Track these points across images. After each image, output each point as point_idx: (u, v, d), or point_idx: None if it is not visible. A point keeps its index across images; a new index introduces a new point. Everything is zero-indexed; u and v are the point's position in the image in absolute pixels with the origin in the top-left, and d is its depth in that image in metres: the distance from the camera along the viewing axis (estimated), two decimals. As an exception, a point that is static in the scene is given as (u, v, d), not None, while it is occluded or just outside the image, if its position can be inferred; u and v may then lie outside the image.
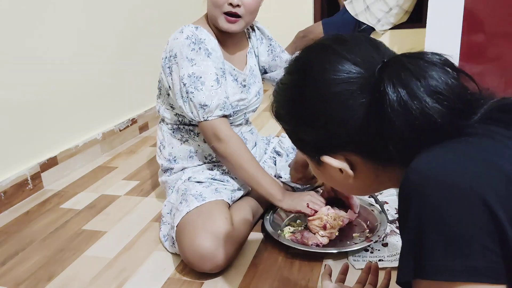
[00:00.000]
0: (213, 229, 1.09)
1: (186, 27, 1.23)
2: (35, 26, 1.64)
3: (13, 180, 1.56)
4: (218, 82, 1.21)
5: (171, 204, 1.28)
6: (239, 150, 1.22)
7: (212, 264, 1.08)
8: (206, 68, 1.20)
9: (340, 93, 0.58)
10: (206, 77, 1.19)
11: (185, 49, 1.20)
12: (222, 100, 1.21)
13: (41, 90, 1.69)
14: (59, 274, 1.17)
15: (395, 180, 0.62)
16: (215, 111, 1.20)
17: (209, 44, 1.23)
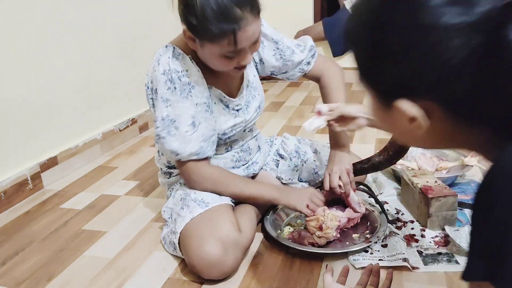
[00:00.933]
0: (220, 236, 1.08)
1: (163, 56, 1.12)
2: (35, 26, 1.64)
3: (13, 180, 1.56)
4: (195, 125, 1.13)
5: (170, 209, 1.27)
6: (218, 182, 1.20)
7: (220, 271, 1.07)
8: (182, 110, 1.12)
9: (445, 27, 0.47)
10: (180, 121, 1.12)
11: (160, 87, 1.11)
12: (197, 147, 1.14)
13: (41, 90, 1.69)
14: (59, 274, 1.17)
15: (476, 144, 0.53)
16: (188, 157, 1.15)
17: (192, 76, 1.13)
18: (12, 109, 1.57)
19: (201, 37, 1.05)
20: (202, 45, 1.07)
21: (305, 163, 1.50)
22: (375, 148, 1.96)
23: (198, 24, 1.01)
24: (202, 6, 0.99)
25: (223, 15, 0.99)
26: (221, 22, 1.00)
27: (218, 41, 1.03)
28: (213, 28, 1.00)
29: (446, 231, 1.21)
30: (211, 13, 0.99)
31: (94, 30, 1.96)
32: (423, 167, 1.58)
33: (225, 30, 1.00)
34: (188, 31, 1.06)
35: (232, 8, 0.99)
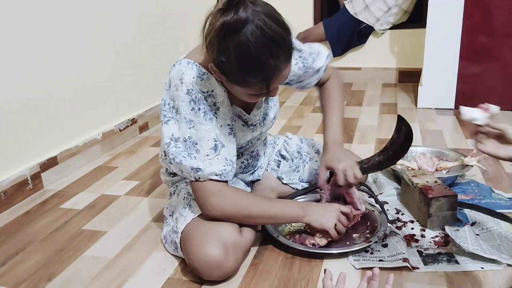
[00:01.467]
0: (221, 237, 1.07)
1: (186, 74, 1.06)
2: (35, 26, 1.65)
3: (13, 180, 1.56)
4: (216, 149, 1.08)
5: (172, 207, 1.27)
6: (239, 204, 1.11)
7: (220, 273, 1.06)
8: (204, 133, 1.07)
9: None
10: (202, 144, 1.07)
11: (184, 107, 1.06)
12: (220, 168, 1.08)
13: (41, 90, 1.69)
14: (59, 274, 1.17)
15: None
16: (209, 175, 1.08)
17: (218, 97, 1.09)
18: (12, 109, 1.57)
19: (230, 79, 1.01)
20: (230, 84, 1.03)
21: (306, 164, 1.50)
22: (375, 148, 1.96)
23: (229, 70, 0.98)
24: (236, 56, 0.94)
25: (257, 67, 0.95)
26: (255, 75, 0.97)
27: (249, 87, 1.00)
28: (245, 77, 0.98)
29: (446, 231, 1.21)
30: (245, 65, 0.95)
31: (94, 30, 1.96)
32: (423, 167, 1.58)
33: (258, 80, 0.98)
34: (216, 68, 1.00)
35: (267, 61, 0.95)
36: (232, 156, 1.12)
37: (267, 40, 0.93)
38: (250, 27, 0.92)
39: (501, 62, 2.40)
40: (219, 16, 0.94)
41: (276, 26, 0.95)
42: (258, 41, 0.93)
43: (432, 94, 2.54)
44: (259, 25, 0.92)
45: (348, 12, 3.12)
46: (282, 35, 0.96)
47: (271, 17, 0.95)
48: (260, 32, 0.92)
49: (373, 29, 3.15)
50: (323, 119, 1.38)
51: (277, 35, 0.95)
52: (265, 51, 0.94)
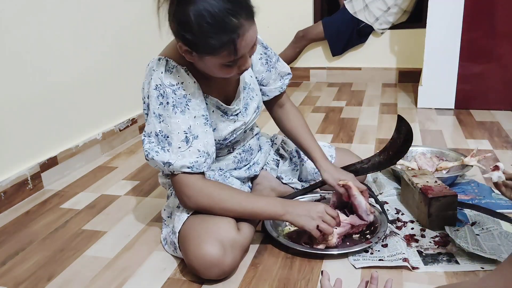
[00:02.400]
0: (218, 236, 1.07)
1: (156, 70, 1.09)
2: (35, 25, 1.64)
3: (13, 180, 1.56)
4: (188, 141, 1.08)
5: (170, 208, 1.26)
6: (214, 197, 1.11)
7: (218, 272, 1.06)
8: (174, 126, 1.08)
9: None
10: (172, 137, 1.08)
11: (153, 102, 1.09)
12: (190, 161, 1.08)
13: (41, 90, 1.69)
14: (59, 274, 1.17)
15: None
16: (180, 168, 1.09)
17: (188, 89, 1.10)
18: (12, 109, 1.56)
19: (199, 51, 1.02)
20: (201, 58, 1.04)
21: (305, 163, 1.50)
22: (375, 148, 1.96)
23: (195, 39, 0.99)
24: (197, 21, 0.95)
25: (220, 27, 0.96)
26: (219, 35, 0.97)
27: (218, 53, 1.01)
28: (211, 42, 0.98)
29: (446, 231, 1.21)
30: (208, 27, 0.96)
31: (94, 30, 1.96)
32: (423, 167, 1.58)
33: (224, 41, 0.98)
34: (184, 46, 1.03)
35: (227, 18, 0.96)
36: (209, 147, 1.12)
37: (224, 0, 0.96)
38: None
39: (501, 62, 2.40)
40: None
41: None
42: (215, 2, 0.95)
43: (432, 94, 2.54)
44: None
45: (348, 11, 3.12)
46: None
47: None
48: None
49: (372, 28, 3.16)
50: (297, 141, 1.39)
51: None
52: (223, 9, 0.95)
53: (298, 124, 1.40)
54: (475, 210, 1.33)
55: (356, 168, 1.41)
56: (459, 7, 2.36)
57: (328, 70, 3.39)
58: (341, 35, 3.18)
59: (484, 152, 1.81)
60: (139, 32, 2.28)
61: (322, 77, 3.41)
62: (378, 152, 1.44)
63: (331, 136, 2.16)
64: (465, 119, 2.35)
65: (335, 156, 1.50)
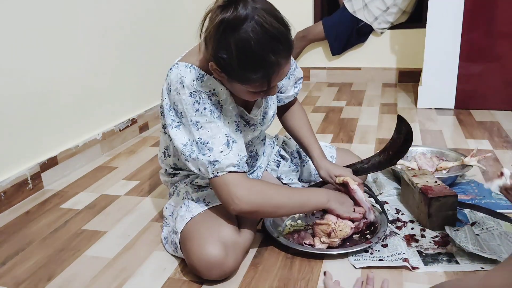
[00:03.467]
0: (220, 237, 1.07)
1: (186, 77, 1.05)
2: (35, 26, 1.64)
3: (13, 180, 1.56)
4: (229, 144, 1.06)
5: (172, 207, 1.27)
6: (265, 193, 1.08)
7: (220, 272, 1.06)
8: (214, 131, 1.06)
9: None
10: (214, 142, 1.05)
11: (189, 110, 1.05)
12: (236, 159, 1.06)
13: (41, 89, 1.69)
14: (59, 274, 1.17)
15: None
16: (227, 168, 1.05)
17: (221, 95, 1.08)
18: (12, 109, 1.57)
19: (231, 76, 1.00)
20: (231, 82, 1.03)
21: (306, 164, 1.50)
22: (375, 148, 1.96)
23: (230, 67, 0.97)
24: (238, 52, 0.93)
25: (259, 62, 0.95)
26: (256, 69, 0.96)
27: (249, 83, 1.00)
28: (246, 73, 0.97)
29: (446, 231, 1.21)
30: (247, 60, 0.95)
31: (94, 30, 1.96)
32: (423, 167, 1.58)
33: (258, 76, 0.97)
34: (215, 66, 1.00)
35: (268, 55, 0.94)
36: (244, 152, 1.10)
37: (267, 36, 0.93)
38: (251, 23, 0.92)
39: (501, 62, 2.40)
40: (219, 12, 0.94)
41: (276, 22, 0.95)
42: (259, 37, 0.93)
43: (432, 94, 2.54)
44: (259, 22, 0.92)
45: (347, 11, 3.12)
46: (282, 32, 0.96)
47: (271, 14, 0.95)
48: (260, 28, 0.92)
49: (372, 28, 3.16)
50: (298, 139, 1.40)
51: (278, 31, 0.95)
52: (265, 47, 0.94)
53: (301, 123, 1.41)
54: (475, 210, 1.33)
55: (356, 168, 1.41)
56: (459, 7, 2.36)
57: (328, 70, 3.39)
58: (341, 34, 3.19)
59: (484, 152, 1.81)
60: (139, 32, 2.28)
61: (322, 77, 3.41)
62: (378, 152, 1.44)
63: (331, 136, 2.16)
64: (465, 119, 2.35)
65: (335, 156, 1.50)
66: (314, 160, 1.34)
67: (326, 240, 1.18)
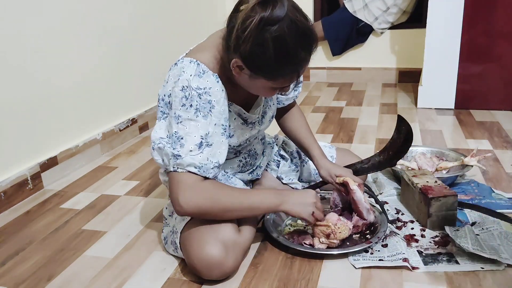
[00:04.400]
0: (220, 237, 1.07)
1: (186, 72, 1.06)
2: (35, 25, 1.65)
3: (13, 180, 1.56)
4: (201, 147, 1.06)
5: (172, 207, 1.27)
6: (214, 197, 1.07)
7: (220, 272, 1.06)
8: (192, 129, 1.05)
9: None
10: (187, 139, 1.05)
11: (176, 103, 1.07)
12: (198, 162, 1.05)
13: (41, 90, 1.69)
14: (59, 274, 1.17)
15: None
16: (187, 166, 1.05)
17: (214, 96, 1.07)
18: (12, 109, 1.56)
19: (258, 72, 1.03)
20: (254, 78, 1.05)
21: (306, 164, 1.50)
22: (375, 148, 1.96)
23: (263, 62, 1.00)
24: (274, 47, 0.97)
25: (292, 58, 1.01)
26: (288, 64, 1.01)
27: (276, 79, 1.04)
28: (278, 69, 1.01)
29: (446, 231, 1.21)
30: (281, 57, 0.99)
31: (94, 30, 1.96)
32: (423, 167, 1.58)
33: (288, 71, 1.03)
34: (240, 61, 1.02)
35: (299, 51, 1.00)
36: (220, 157, 1.09)
37: (300, 33, 0.99)
38: (287, 21, 0.97)
39: (501, 62, 2.40)
40: (258, 9, 0.97)
41: (304, 20, 1.02)
42: (293, 34, 0.98)
43: (432, 94, 2.54)
44: (293, 19, 0.98)
45: (347, 11, 3.12)
46: (311, 29, 1.03)
47: (299, 11, 1.02)
48: (294, 26, 0.98)
49: (372, 28, 3.16)
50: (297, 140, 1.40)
51: (307, 28, 1.01)
52: (299, 43, 0.99)
53: (300, 124, 1.41)
54: (475, 210, 1.33)
55: (356, 168, 1.41)
56: (459, 7, 2.36)
57: (328, 70, 3.39)
58: (341, 34, 3.19)
59: (484, 152, 1.81)
60: (139, 32, 2.28)
61: (322, 77, 3.41)
62: (378, 152, 1.44)
63: (331, 136, 2.16)
64: (465, 119, 2.35)
65: (335, 156, 1.50)
66: (314, 159, 1.34)
67: (325, 241, 1.18)
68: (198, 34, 2.84)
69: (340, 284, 1.07)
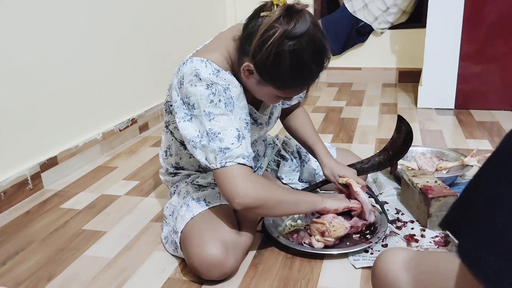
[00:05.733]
0: (221, 237, 1.07)
1: (202, 71, 1.04)
2: (35, 25, 1.64)
3: (13, 180, 1.56)
4: (239, 139, 1.05)
5: (172, 207, 1.27)
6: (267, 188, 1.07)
7: (220, 272, 1.07)
8: (227, 123, 1.05)
9: None
10: (225, 133, 1.04)
11: (204, 101, 1.04)
12: (247, 152, 1.06)
13: (41, 90, 1.69)
14: (59, 274, 1.17)
15: None
16: (237, 158, 1.04)
17: (234, 91, 1.08)
18: (12, 109, 1.56)
19: (269, 80, 1.04)
20: (262, 84, 1.06)
21: (306, 164, 1.50)
22: (375, 148, 1.96)
23: (276, 72, 1.01)
24: (291, 60, 0.99)
25: (305, 74, 1.03)
26: (300, 78, 1.04)
27: (285, 89, 1.06)
28: (289, 80, 1.04)
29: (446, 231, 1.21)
30: (296, 70, 1.01)
31: (95, 29, 1.96)
32: (423, 167, 1.58)
33: (298, 84, 1.06)
34: (252, 66, 1.03)
35: (313, 68, 1.03)
36: (251, 150, 1.09)
37: (316, 50, 1.02)
38: (306, 37, 0.99)
39: (501, 62, 2.40)
40: (283, 21, 0.98)
41: (322, 37, 1.03)
42: (310, 50, 1.00)
43: (432, 94, 2.54)
44: (312, 36, 1.00)
45: (347, 10, 3.12)
46: (326, 47, 1.04)
47: (319, 29, 1.03)
48: (312, 42, 1.00)
49: (372, 28, 3.16)
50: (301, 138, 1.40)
51: (323, 46, 1.03)
52: (313, 59, 1.02)
53: (305, 123, 1.41)
54: (475, 210, 1.33)
55: (356, 168, 1.41)
56: (459, 7, 2.36)
57: (328, 70, 3.38)
58: (340, 34, 3.19)
59: (484, 152, 1.81)
60: (139, 33, 2.28)
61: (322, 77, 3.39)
62: (378, 152, 1.44)
63: (331, 136, 2.16)
64: (465, 119, 2.35)
65: (336, 156, 1.50)
66: (318, 158, 1.34)
67: (320, 238, 1.18)
68: (198, 34, 2.84)
69: (340, 284, 1.07)
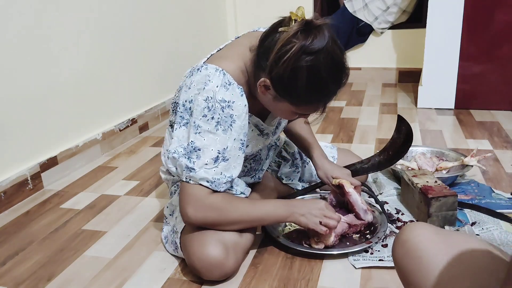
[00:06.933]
0: (221, 237, 1.07)
1: (212, 81, 1.03)
2: (35, 26, 1.64)
3: (13, 180, 1.56)
4: (217, 161, 1.04)
5: (173, 206, 1.26)
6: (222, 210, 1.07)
7: (220, 273, 1.06)
8: (209, 142, 1.04)
9: None
10: (204, 151, 1.04)
11: (197, 112, 1.04)
12: (211, 177, 1.04)
13: (41, 89, 1.68)
14: (59, 274, 1.17)
15: None
16: (199, 179, 1.04)
17: (236, 110, 1.05)
18: (12, 109, 1.56)
19: (285, 96, 1.02)
20: (278, 100, 1.04)
21: (307, 165, 1.50)
22: (375, 148, 1.96)
23: (293, 89, 0.99)
24: (308, 77, 0.96)
25: (322, 91, 1.01)
26: (318, 96, 1.02)
27: (301, 106, 1.04)
28: (306, 99, 1.02)
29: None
30: (313, 87, 0.99)
31: (95, 29, 1.96)
32: (423, 167, 1.58)
33: (315, 102, 1.03)
34: (268, 82, 1.01)
35: (331, 86, 1.00)
36: (234, 171, 1.08)
37: (334, 66, 0.99)
38: (324, 52, 0.96)
39: (501, 62, 2.40)
40: (300, 36, 0.96)
41: (341, 53, 1.00)
42: (328, 67, 0.97)
43: (432, 94, 2.54)
44: (330, 52, 0.97)
45: (347, 10, 3.12)
46: (344, 63, 1.01)
47: (338, 45, 1.00)
48: (330, 59, 0.97)
49: (372, 28, 3.16)
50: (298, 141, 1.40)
51: (341, 62, 1.00)
52: (331, 76, 0.99)
53: (302, 125, 1.41)
54: (475, 210, 1.33)
55: (356, 168, 1.41)
56: (459, 7, 2.36)
57: (328, 70, 3.38)
58: (340, 34, 3.18)
59: (484, 152, 1.81)
60: (139, 33, 2.28)
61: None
62: (378, 152, 1.44)
63: (331, 136, 2.16)
64: (465, 119, 2.35)
65: (337, 157, 1.50)
66: (313, 160, 1.34)
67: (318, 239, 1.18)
68: (199, 35, 2.84)
69: (340, 284, 1.07)
